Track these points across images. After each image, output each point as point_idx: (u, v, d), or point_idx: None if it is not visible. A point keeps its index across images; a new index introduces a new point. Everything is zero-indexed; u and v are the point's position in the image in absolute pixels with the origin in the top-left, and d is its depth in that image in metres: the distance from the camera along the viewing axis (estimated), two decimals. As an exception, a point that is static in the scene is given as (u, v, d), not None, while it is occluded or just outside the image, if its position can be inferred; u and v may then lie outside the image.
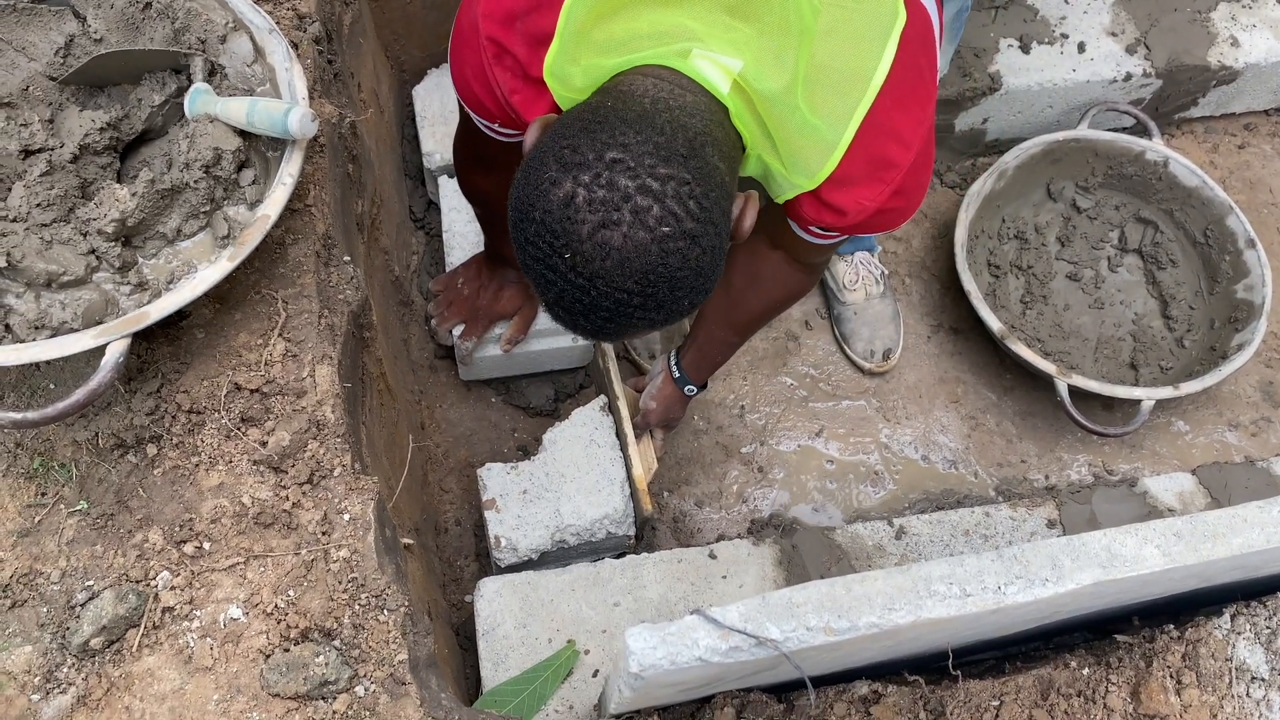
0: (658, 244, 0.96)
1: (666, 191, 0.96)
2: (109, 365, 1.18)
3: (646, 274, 0.97)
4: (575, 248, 0.97)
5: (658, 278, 0.98)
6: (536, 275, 1.02)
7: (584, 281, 0.98)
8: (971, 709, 1.24)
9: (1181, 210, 2.24)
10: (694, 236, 0.98)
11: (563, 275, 0.99)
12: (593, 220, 0.95)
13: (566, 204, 0.96)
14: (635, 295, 0.98)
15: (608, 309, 1.00)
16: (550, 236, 0.98)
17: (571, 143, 0.98)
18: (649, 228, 0.95)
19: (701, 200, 0.98)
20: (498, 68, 1.20)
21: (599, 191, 0.95)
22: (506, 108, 1.24)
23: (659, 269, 0.97)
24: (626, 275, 0.97)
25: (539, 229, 0.98)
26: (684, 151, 0.98)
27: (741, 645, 0.97)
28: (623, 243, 0.96)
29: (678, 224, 0.96)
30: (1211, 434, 2.18)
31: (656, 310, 1.01)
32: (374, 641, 1.24)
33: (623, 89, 1.04)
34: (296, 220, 1.44)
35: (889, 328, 2.19)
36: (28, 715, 1.18)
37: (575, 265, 0.97)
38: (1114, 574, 1.02)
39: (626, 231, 0.95)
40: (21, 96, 1.31)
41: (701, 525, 2.04)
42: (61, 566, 1.25)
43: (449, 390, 2.11)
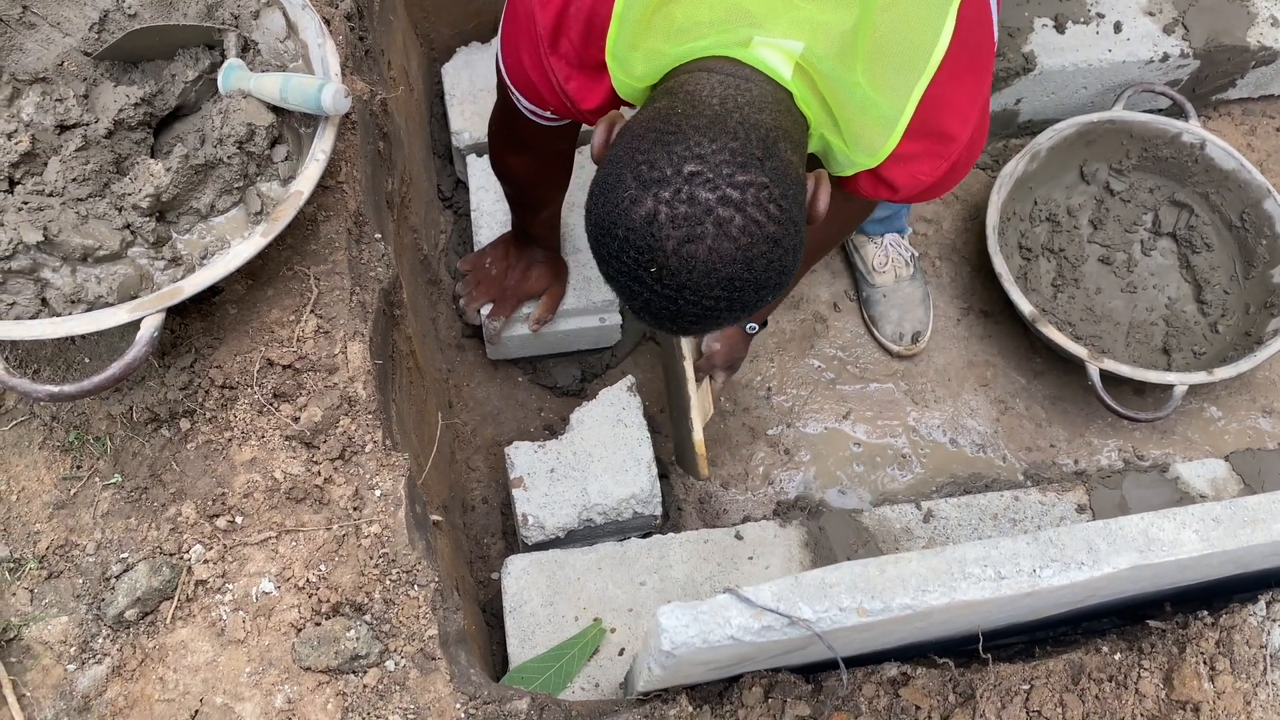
0: (742, 252, 0.97)
1: (747, 199, 0.96)
2: (144, 340, 1.18)
3: (732, 281, 0.98)
4: (661, 262, 0.98)
5: (743, 283, 0.99)
6: (622, 286, 1.03)
7: (671, 292, 0.99)
8: (1001, 692, 1.23)
9: (1218, 193, 2.20)
10: (776, 240, 0.98)
11: (649, 287, 1.00)
12: (676, 236, 0.96)
13: (649, 221, 0.97)
14: (722, 300, 1.00)
15: (694, 315, 1.02)
16: (635, 252, 0.99)
17: (648, 158, 0.98)
18: (732, 238, 0.96)
19: (780, 202, 0.98)
20: (553, 55, 1.20)
21: (680, 208, 0.96)
22: (562, 95, 1.23)
23: (744, 275, 0.98)
24: (713, 284, 0.98)
25: (623, 245, 0.99)
26: (759, 154, 0.98)
27: (774, 625, 0.97)
28: (708, 255, 0.96)
29: (760, 230, 0.97)
30: (1245, 420, 2.16)
31: (743, 309, 1.03)
32: (404, 617, 1.25)
33: (689, 89, 1.03)
34: (328, 197, 1.44)
35: (918, 310, 2.17)
36: (64, 684, 1.19)
37: (661, 278, 0.99)
38: (1151, 558, 1.01)
39: (711, 244, 0.96)
40: (57, 72, 1.31)
41: (728, 506, 2.04)
42: (96, 539, 1.26)
43: (476, 369, 2.12)
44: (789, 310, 2.22)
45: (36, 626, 1.22)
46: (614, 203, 1.00)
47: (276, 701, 1.19)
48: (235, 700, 1.19)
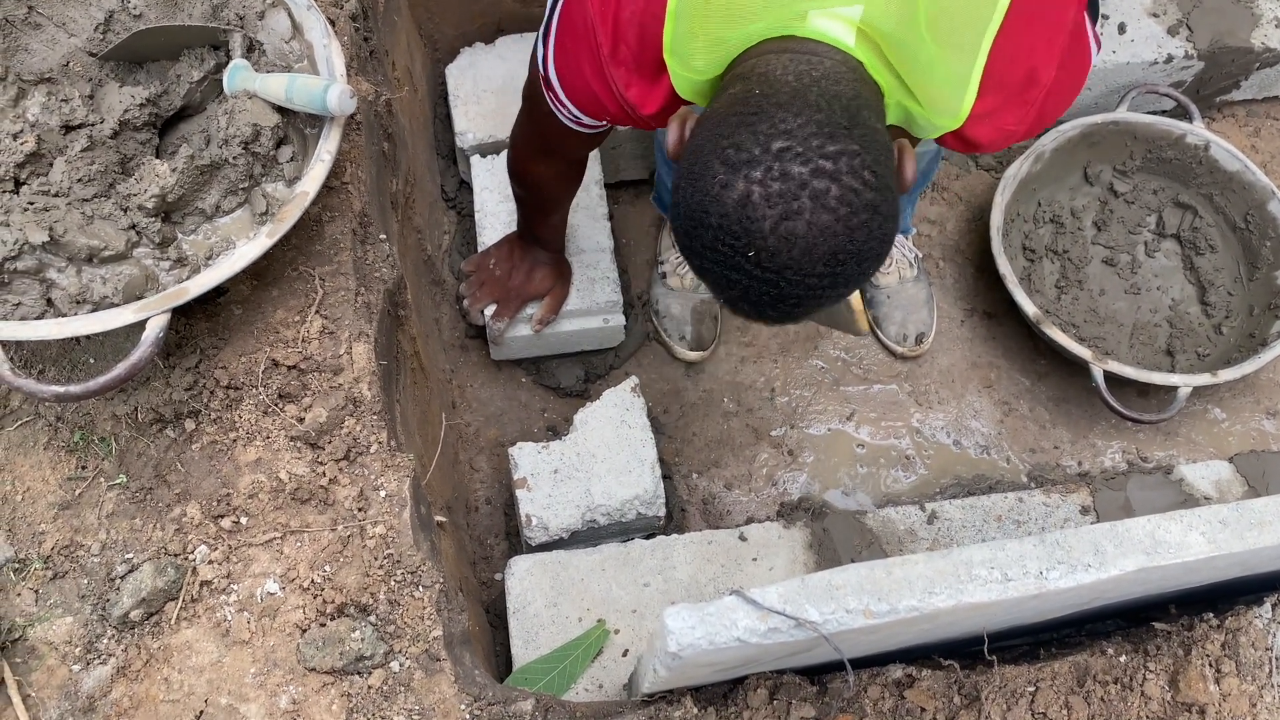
0: (842, 224, 0.94)
1: (840, 169, 0.94)
2: (149, 340, 1.18)
3: (835, 254, 0.96)
4: (759, 244, 0.95)
5: (846, 255, 0.96)
6: (717, 277, 1.01)
7: (772, 275, 0.97)
8: (1007, 694, 1.23)
9: (1222, 195, 2.20)
10: (874, 207, 0.96)
11: (748, 274, 0.97)
12: (773, 215, 0.94)
13: (743, 204, 0.95)
14: (825, 278, 0.97)
15: (797, 296, 0.99)
16: (731, 239, 0.96)
17: (733, 140, 0.96)
18: (831, 209, 0.94)
19: (874, 168, 0.96)
20: (614, 64, 1.19)
21: (774, 185, 0.94)
22: (622, 103, 1.22)
23: (846, 247, 0.96)
24: (815, 260, 0.96)
25: (717, 234, 0.97)
26: (845, 123, 0.96)
27: (780, 626, 0.97)
28: (807, 230, 0.94)
29: (857, 198, 0.94)
30: (1249, 422, 2.15)
31: (845, 286, 1.00)
32: (409, 618, 1.25)
33: (761, 71, 1.01)
34: (333, 198, 1.44)
35: (922, 311, 2.17)
36: (69, 685, 1.19)
37: (761, 261, 0.96)
38: (1158, 560, 1.01)
39: (810, 218, 0.94)
40: (62, 72, 1.31)
41: (731, 508, 2.03)
42: (101, 539, 1.26)
43: (480, 370, 2.12)
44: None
45: (41, 627, 1.22)
46: (703, 191, 0.97)
47: (281, 702, 1.19)
48: (240, 701, 1.19)
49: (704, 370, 2.15)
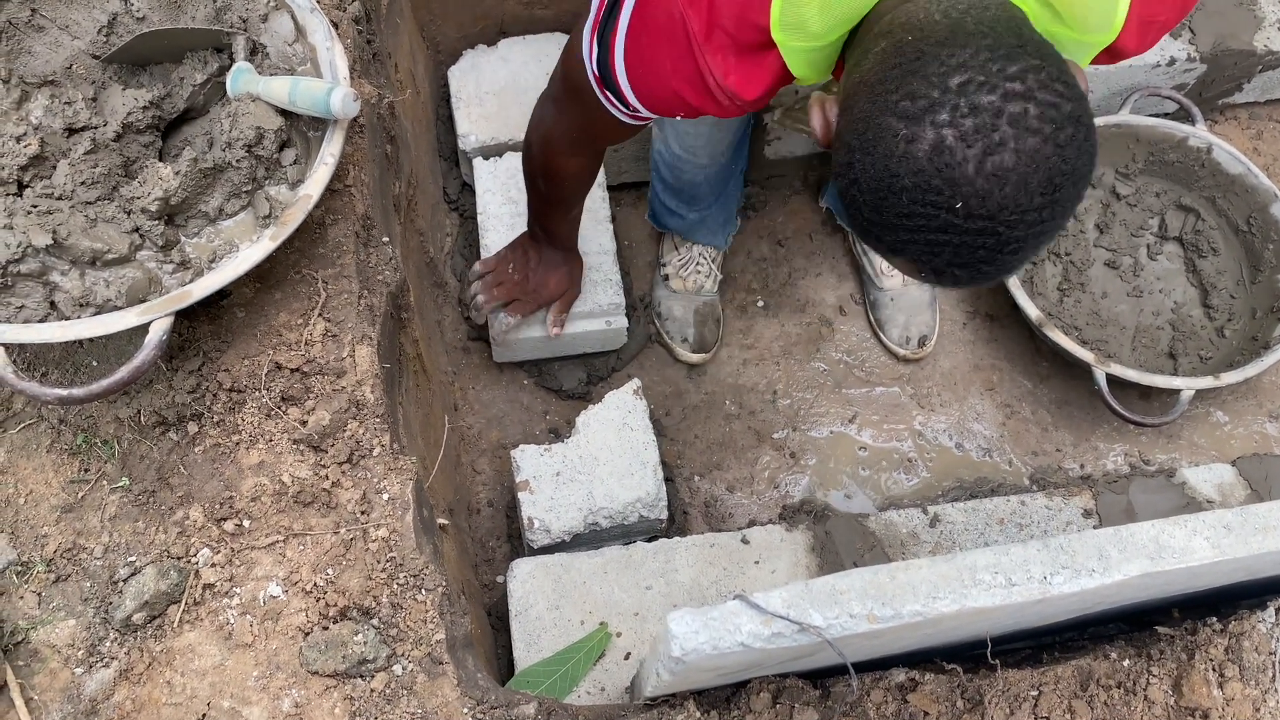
0: (1051, 143, 0.87)
1: (1031, 87, 0.87)
2: (152, 343, 1.18)
3: (1050, 179, 0.88)
4: (965, 192, 0.87)
5: (1062, 178, 0.88)
6: (920, 247, 0.92)
7: (985, 223, 0.88)
8: (1010, 698, 1.23)
9: (1224, 198, 2.20)
10: (1076, 118, 0.88)
11: (957, 230, 0.89)
12: (975, 154, 0.86)
13: (937, 152, 0.87)
14: (1044, 209, 0.89)
15: (1017, 240, 0.90)
16: (931, 195, 0.88)
17: (905, 91, 0.89)
18: (1035, 130, 0.86)
19: (1062, 78, 0.89)
20: (709, 53, 1.13)
21: (966, 122, 0.86)
22: (719, 92, 1.16)
23: (1061, 168, 0.88)
24: (1031, 192, 0.87)
25: (913, 195, 0.89)
26: (1015, 41, 0.89)
27: (784, 631, 0.97)
28: (1016, 161, 0.86)
29: (1058, 111, 0.87)
30: (1251, 425, 2.15)
31: (1062, 216, 0.91)
32: (412, 621, 1.25)
33: (903, 20, 0.95)
34: (336, 201, 1.44)
35: (925, 314, 2.17)
36: (71, 688, 1.19)
37: (971, 211, 0.88)
38: (1162, 565, 1.01)
39: (1016, 146, 0.86)
40: (65, 75, 1.31)
41: (733, 510, 2.03)
42: (104, 542, 1.26)
43: (481, 372, 2.12)
44: (794, 314, 2.22)
45: (44, 630, 1.22)
46: (886, 154, 0.90)
47: (284, 705, 1.19)
48: (242, 704, 1.19)
49: (706, 373, 2.15)
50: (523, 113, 2.11)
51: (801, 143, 2.29)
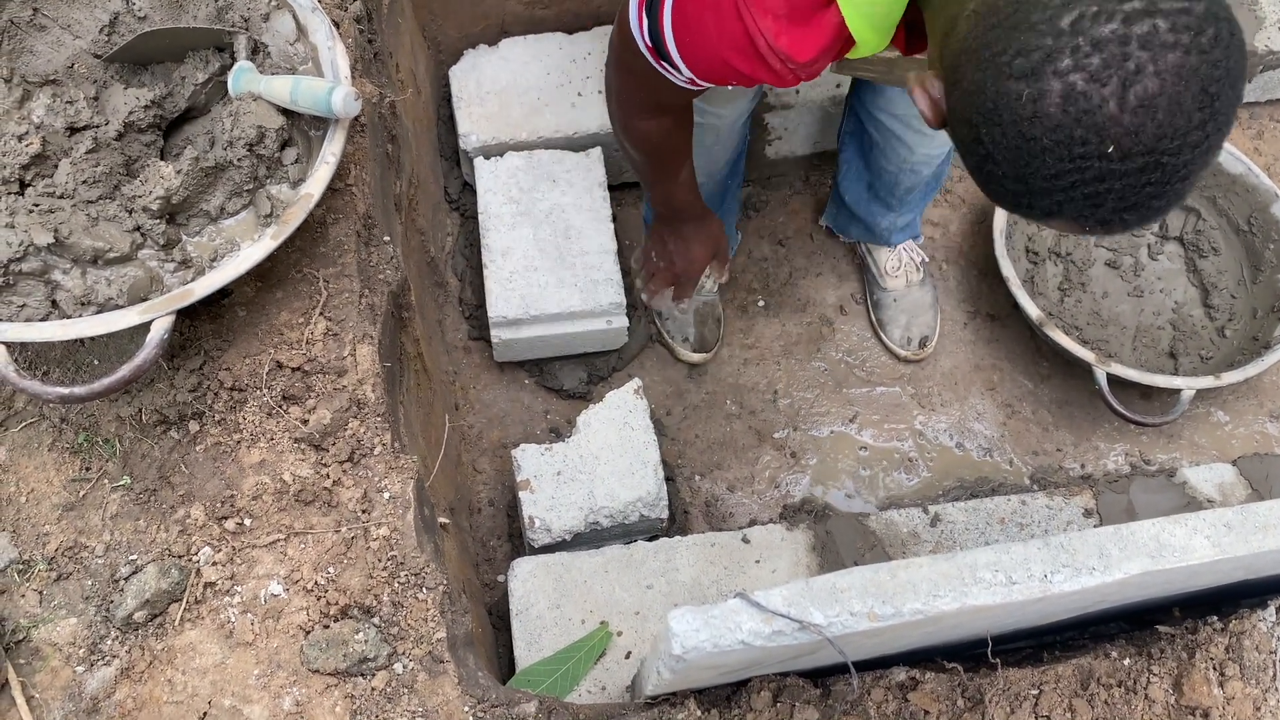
0: (1195, 53, 0.80)
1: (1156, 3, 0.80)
2: (153, 342, 1.18)
3: (1204, 90, 0.81)
4: (1114, 133, 0.81)
5: (1216, 85, 0.81)
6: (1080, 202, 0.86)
7: (1145, 159, 0.82)
8: (1010, 697, 1.23)
9: (1225, 197, 2.20)
10: (1213, 14, 0.81)
11: (1117, 176, 0.83)
12: (1113, 91, 0.80)
13: (1069, 100, 0.81)
14: (1205, 124, 0.82)
15: (1184, 165, 0.83)
16: (1077, 148, 0.82)
17: (1014, 48, 0.83)
18: (1173, 45, 0.80)
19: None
20: (757, 12, 1.08)
21: (1093, 60, 0.80)
22: (771, 56, 1.11)
23: (1214, 75, 0.81)
24: (1188, 111, 0.81)
25: (1057, 154, 0.83)
26: None
27: (784, 629, 0.97)
28: (1161, 84, 0.80)
29: (1191, 16, 0.80)
30: (1252, 425, 2.15)
31: (1226, 124, 0.84)
32: (413, 619, 1.25)
33: None
34: (337, 200, 1.44)
35: (927, 315, 2.17)
36: (72, 686, 1.19)
37: (1126, 152, 0.81)
38: (1163, 564, 1.01)
39: (1156, 69, 0.80)
40: (67, 74, 1.31)
41: (734, 510, 2.03)
42: (106, 540, 1.26)
43: (483, 372, 2.12)
44: (795, 313, 2.22)
45: (45, 628, 1.22)
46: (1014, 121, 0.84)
47: (285, 704, 1.19)
48: (243, 703, 1.19)
49: (707, 372, 2.15)
50: (523, 113, 2.13)
51: (802, 142, 2.29)
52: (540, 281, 1.99)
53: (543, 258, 2.01)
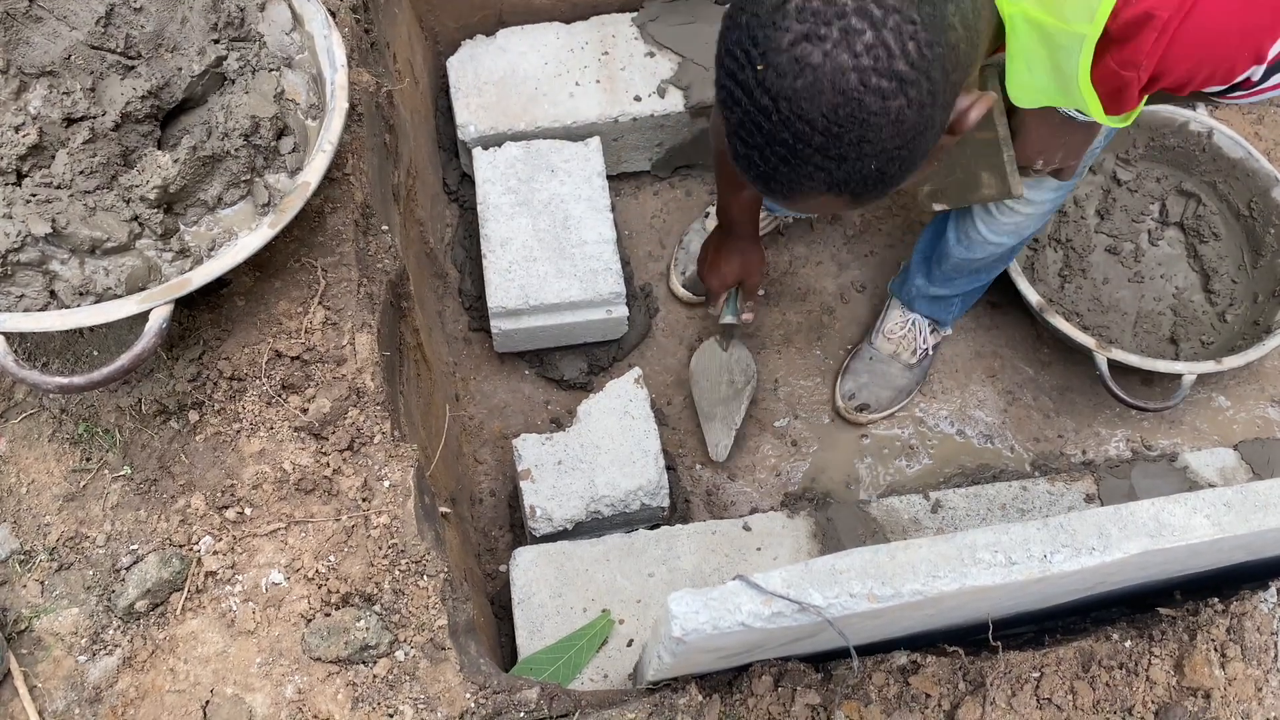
0: (859, 74, 0.87)
1: (887, 22, 0.87)
2: (152, 331, 1.19)
3: (837, 108, 0.88)
4: (771, 59, 0.89)
5: (848, 115, 0.88)
6: (725, 94, 0.94)
7: (769, 102, 0.90)
8: (1012, 680, 1.23)
9: (1225, 182, 2.19)
10: (903, 80, 0.88)
11: (749, 92, 0.91)
12: (798, 29, 0.88)
13: (776, 8, 0.89)
14: (819, 133, 0.89)
15: (785, 144, 0.91)
16: (749, 43, 0.90)
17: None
18: (855, 52, 0.87)
19: (924, 48, 0.88)
20: None
21: (814, 2, 0.87)
22: None
23: (852, 104, 0.88)
24: (815, 103, 0.88)
25: (740, 35, 0.91)
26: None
27: (784, 611, 0.97)
28: (821, 60, 0.87)
29: (888, 60, 0.87)
30: (1253, 410, 2.15)
31: (837, 163, 0.91)
32: (414, 607, 1.25)
33: None
34: (335, 189, 1.44)
35: (885, 392, 2.08)
36: (75, 675, 1.20)
37: (764, 80, 0.89)
38: (1162, 543, 1.01)
39: (829, 50, 0.87)
40: (64, 65, 1.31)
41: (735, 498, 2.03)
42: (106, 530, 1.26)
43: (483, 362, 2.12)
44: (796, 302, 2.22)
45: (47, 618, 1.22)
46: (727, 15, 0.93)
47: (287, 692, 1.20)
48: (245, 691, 1.20)
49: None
50: (522, 103, 2.13)
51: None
52: (539, 272, 1.98)
53: (542, 248, 2.01)
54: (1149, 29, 0.97)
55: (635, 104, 2.14)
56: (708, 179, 2.31)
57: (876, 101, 0.88)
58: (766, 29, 0.89)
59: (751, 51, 0.90)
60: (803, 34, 0.88)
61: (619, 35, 2.21)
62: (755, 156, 0.95)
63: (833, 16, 0.87)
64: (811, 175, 0.93)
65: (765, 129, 0.92)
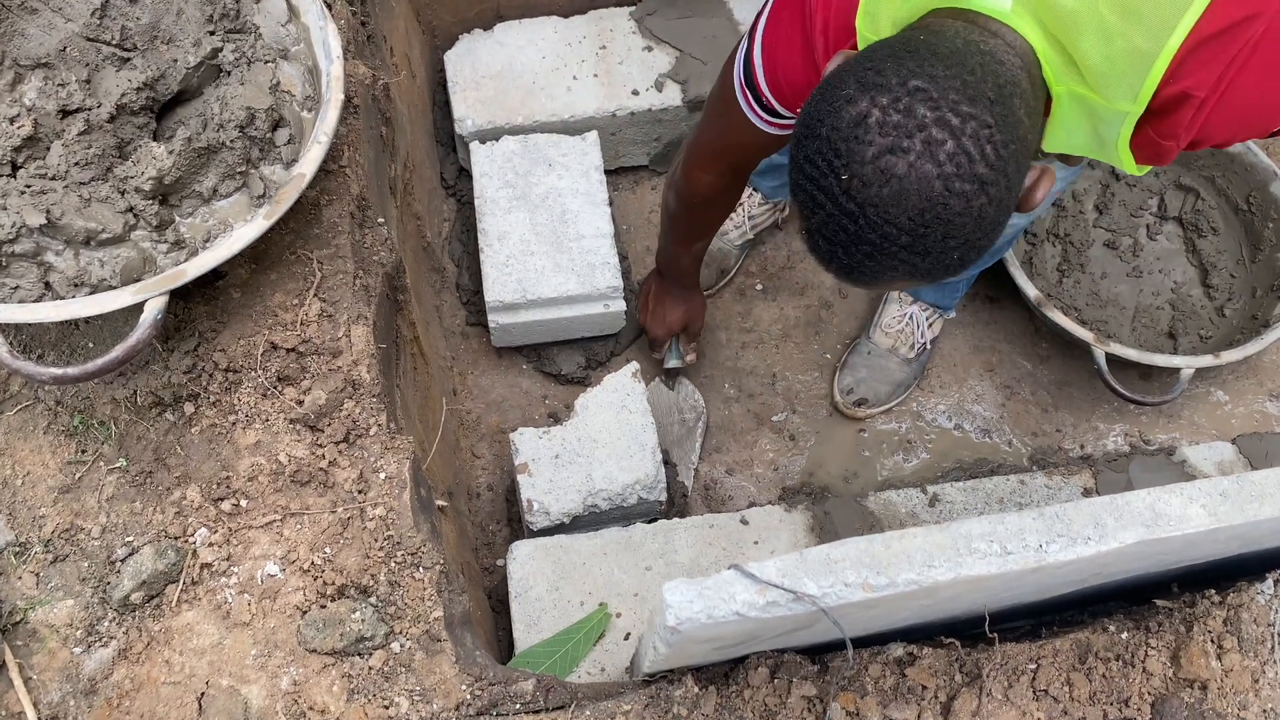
0: (943, 181, 0.91)
1: (965, 130, 0.90)
2: (147, 323, 1.18)
3: (923, 212, 0.92)
4: (855, 170, 0.92)
5: (934, 218, 0.92)
6: (806, 197, 0.97)
7: (854, 208, 0.93)
8: (1008, 671, 1.23)
9: (1224, 177, 2.19)
10: (984, 183, 0.92)
11: (834, 198, 0.94)
12: (881, 143, 0.91)
13: (857, 123, 0.92)
14: (905, 234, 0.93)
15: (871, 243, 0.95)
16: (832, 154, 0.93)
17: (876, 65, 0.94)
18: (938, 161, 0.90)
19: (1000, 149, 0.92)
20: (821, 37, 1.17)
21: (894, 115, 0.91)
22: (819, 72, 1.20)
23: (938, 208, 0.92)
24: (902, 208, 0.92)
25: (821, 145, 0.94)
26: (991, 95, 0.92)
27: (779, 600, 0.97)
28: (906, 171, 0.91)
29: (970, 165, 0.91)
30: (1251, 404, 2.15)
31: (922, 257, 0.95)
32: (410, 599, 1.25)
33: (933, 27, 1.00)
34: (331, 181, 1.44)
35: (884, 386, 2.08)
36: (70, 667, 1.20)
37: (850, 189, 0.93)
38: (1158, 533, 1.00)
39: (913, 161, 0.90)
40: (59, 57, 1.31)
41: (733, 493, 2.03)
42: (102, 522, 1.26)
43: (480, 357, 2.12)
44: (794, 296, 2.22)
45: (42, 610, 1.22)
46: (828, 101, 0.95)
47: (282, 683, 1.19)
48: (241, 682, 1.20)
49: (705, 356, 2.15)
50: (519, 97, 2.12)
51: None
52: (537, 266, 1.98)
53: (539, 242, 2.00)
54: (1187, 106, 1.01)
55: (633, 98, 2.13)
56: (705, 174, 2.30)
57: (960, 204, 0.92)
58: (849, 142, 0.92)
59: (835, 162, 0.93)
60: (886, 147, 0.91)
61: (616, 29, 2.20)
62: (839, 253, 0.98)
63: (914, 129, 0.90)
64: (896, 268, 0.97)
65: (851, 230, 0.95)
